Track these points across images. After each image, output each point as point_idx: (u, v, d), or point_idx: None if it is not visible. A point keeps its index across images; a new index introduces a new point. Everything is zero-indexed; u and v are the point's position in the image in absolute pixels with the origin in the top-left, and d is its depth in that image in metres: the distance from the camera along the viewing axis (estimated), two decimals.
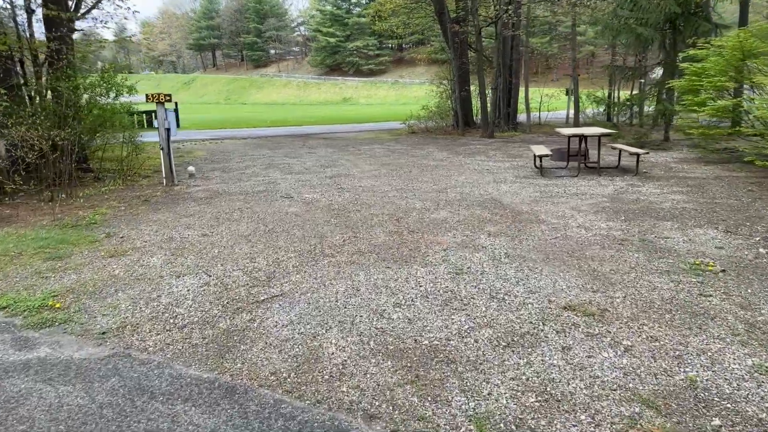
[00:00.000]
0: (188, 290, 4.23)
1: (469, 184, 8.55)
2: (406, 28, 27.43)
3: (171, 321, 3.66)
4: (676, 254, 4.67)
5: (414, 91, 60.67)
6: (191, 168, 10.25)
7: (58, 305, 4.00)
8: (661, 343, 3.08)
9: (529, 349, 3.04)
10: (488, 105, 17.80)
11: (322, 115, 33.66)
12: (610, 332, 3.23)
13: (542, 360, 2.92)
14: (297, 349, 3.17)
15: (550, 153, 8.97)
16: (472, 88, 20.67)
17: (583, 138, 9.25)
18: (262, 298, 3.98)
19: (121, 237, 5.94)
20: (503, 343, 3.12)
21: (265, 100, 64.74)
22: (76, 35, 12.70)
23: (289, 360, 3.04)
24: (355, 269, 4.55)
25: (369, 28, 73.43)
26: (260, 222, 6.39)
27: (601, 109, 23.26)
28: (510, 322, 3.40)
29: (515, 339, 3.17)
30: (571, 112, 25.43)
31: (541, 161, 9.18)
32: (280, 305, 3.84)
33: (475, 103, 21.71)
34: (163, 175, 9.02)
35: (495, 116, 17.90)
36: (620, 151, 9.97)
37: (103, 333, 3.52)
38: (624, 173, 9.26)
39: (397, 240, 5.39)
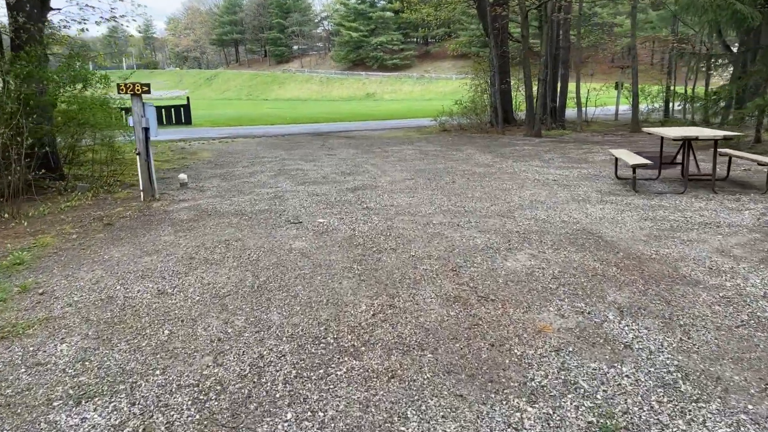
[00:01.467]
0: None
1: (540, 203, 6.34)
2: (437, 18, 25.20)
3: None
4: None
5: (440, 86, 58.25)
6: (183, 176, 8.28)
7: None
8: None
9: None
10: (535, 99, 15.46)
11: (345, 112, 31.66)
12: None
13: None
14: None
15: (648, 162, 6.68)
16: (512, 81, 18.36)
17: (687, 142, 6.95)
18: None
19: (41, 293, 3.95)
20: None
21: (287, 96, 63.15)
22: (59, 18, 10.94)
23: None
24: (399, 398, 2.44)
25: (393, 23, 71.18)
26: (249, 268, 4.32)
27: (657, 105, 20.68)
28: None
29: None
30: (622, 107, 22.86)
31: (634, 172, 6.89)
32: None
33: (515, 97, 19.39)
34: (141, 188, 7.05)
35: (542, 112, 15.56)
36: (730, 158, 7.63)
37: None
38: (743, 188, 6.92)
39: (463, 318, 3.26)
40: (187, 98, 21.57)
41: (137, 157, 6.83)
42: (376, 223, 5.57)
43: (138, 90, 6.63)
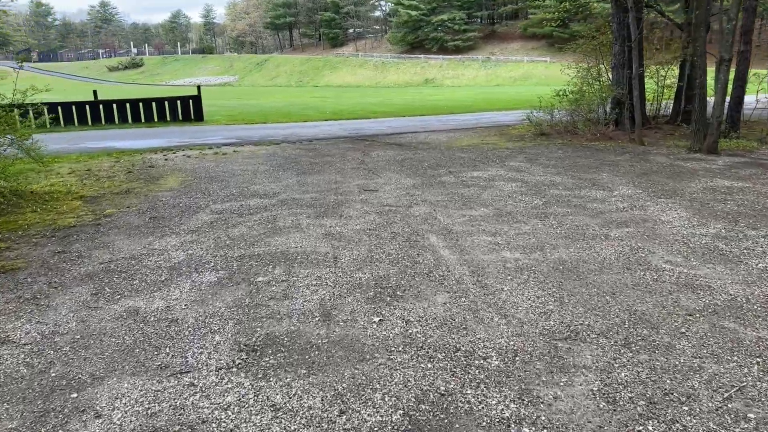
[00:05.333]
0: None
1: None
2: None
3: None
4: None
5: (509, 70, 51.46)
6: None
7: None
8: None
9: None
10: (708, 92, 9.41)
11: (400, 102, 26.22)
12: None
13: None
14: None
15: None
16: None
17: None
18: None
19: None
20: None
21: (338, 83, 58.29)
22: None
23: None
24: None
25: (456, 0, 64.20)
26: None
27: None
28: None
29: None
30: None
31: None
32: None
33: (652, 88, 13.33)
34: None
35: (720, 113, 9.45)
36: None
37: None
38: None
39: None
40: (198, 89, 16.88)
41: None
42: None
43: None
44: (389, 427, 2.18)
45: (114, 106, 15.64)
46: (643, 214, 5.47)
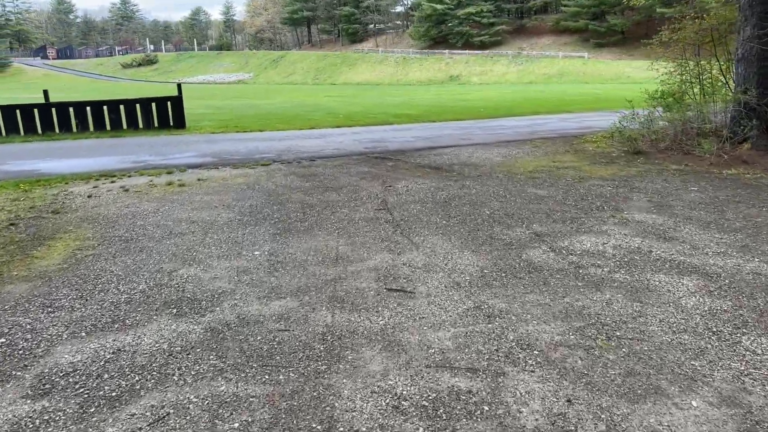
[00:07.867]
0: None
1: None
2: None
3: None
4: None
5: (543, 67, 47.34)
6: None
7: None
8: None
9: None
10: None
11: (426, 103, 22.61)
12: None
13: None
14: None
15: None
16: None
17: None
18: None
19: None
20: None
21: (357, 80, 54.82)
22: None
23: None
24: None
25: None
26: None
27: None
28: None
29: None
30: None
31: None
32: None
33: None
34: None
35: None
36: None
37: None
38: None
39: None
40: (179, 87, 13.53)
41: None
42: None
43: None
44: None
45: (71, 110, 12.41)
46: None
